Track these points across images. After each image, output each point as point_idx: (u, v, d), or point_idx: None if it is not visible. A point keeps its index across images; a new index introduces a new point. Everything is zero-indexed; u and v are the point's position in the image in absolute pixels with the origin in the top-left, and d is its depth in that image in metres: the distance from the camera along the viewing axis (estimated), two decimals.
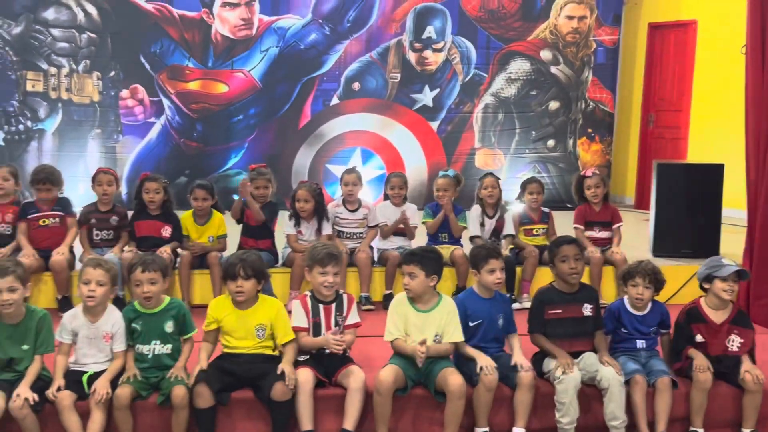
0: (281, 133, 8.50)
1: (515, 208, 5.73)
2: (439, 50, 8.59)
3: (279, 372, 3.51)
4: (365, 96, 8.57)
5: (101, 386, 3.41)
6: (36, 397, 3.35)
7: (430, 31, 8.55)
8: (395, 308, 3.76)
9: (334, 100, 8.54)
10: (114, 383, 3.48)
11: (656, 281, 3.90)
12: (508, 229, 5.56)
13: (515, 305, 4.95)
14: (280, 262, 5.41)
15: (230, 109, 8.33)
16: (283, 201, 5.51)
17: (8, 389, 3.38)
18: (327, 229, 5.40)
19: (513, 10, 8.64)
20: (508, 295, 4.91)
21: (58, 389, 3.43)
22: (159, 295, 3.62)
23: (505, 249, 5.41)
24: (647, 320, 3.94)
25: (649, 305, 3.96)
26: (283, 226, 5.40)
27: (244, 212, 5.33)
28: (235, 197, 7.27)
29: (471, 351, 3.73)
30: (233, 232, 5.43)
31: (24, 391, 3.33)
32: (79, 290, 3.59)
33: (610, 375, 3.70)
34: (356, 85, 8.55)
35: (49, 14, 7.99)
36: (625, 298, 4.00)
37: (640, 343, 3.94)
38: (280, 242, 5.47)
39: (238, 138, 8.40)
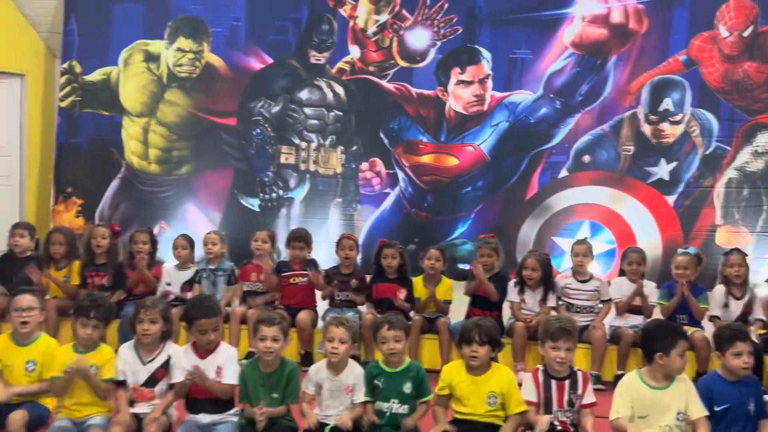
0: (508, 205, 8.56)
1: (766, 290, 5.25)
2: (677, 122, 8.23)
3: None
4: (595, 169, 8.41)
5: (345, 420, 3.60)
6: None
7: (667, 104, 8.25)
8: (626, 386, 3.58)
9: (563, 173, 8.48)
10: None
11: None
12: (758, 312, 5.09)
13: None
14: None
15: (459, 181, 8.58)
16: (507, 272, 5.56)
17: None
18: (551, 301, 5.32)
19: (760, 81, 8.10)
20: None
21: None
22: (403, 353, 3.78)
23: (754, 333, 4.94)
24: None
25: None
26: (508, 293, 5.42)
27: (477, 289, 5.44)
28: (461, 266, 7.43)
29: None
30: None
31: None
32: (324, 347, 3.89)
33: None
34: (586, 158, 8.44)
35: (303, 94, 8.86)
36: None
37: None
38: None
39: (465, 209, 8.60)
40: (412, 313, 5.45)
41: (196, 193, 8.99)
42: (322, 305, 5.72)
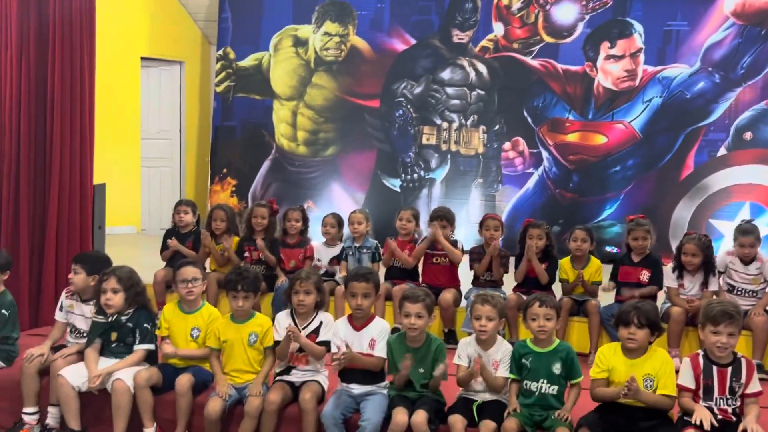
0: (660, 185, 8.17)
1: None
2: None
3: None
4: (757, 146, 7.83)
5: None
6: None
7: None
8: None
9: (722, 151, 7.97)
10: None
11: None
12: None
13: None
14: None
15: (608, 161, 8.28)
16: (659, 255, 5.32)
17: (409, 406, 3.76)
18: (713, 285, 5.03)
19: None
20: None
21: (450, 410, 3.71)
22: (552, 332, 3.76)
23: None
24: None
25: None
26: (665, 278, 5.18)
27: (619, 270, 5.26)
28: (608, 248, 7.17)
29: None
30: None
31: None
32: (471, 324, 3.91)
33: None
34: (748, 135, 7.87)
35: (446, 74, 8.84)
36: None
37: None
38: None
39: (614, 189, 8.29)
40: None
41: (341, 173, 9.23)
42: (465, 284, 5.72)
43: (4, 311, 4.49)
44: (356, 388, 3.93)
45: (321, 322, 4.10)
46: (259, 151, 9.49)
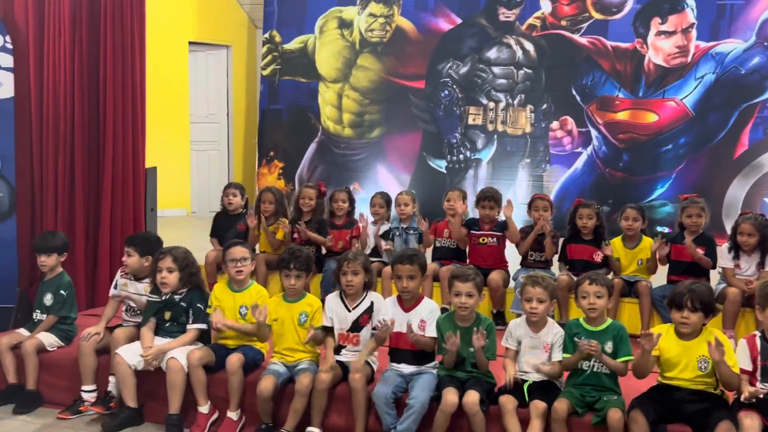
0: (713, 164, 7.96)
1: None
2: None
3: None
4: None
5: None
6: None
7: None
8: None
9: None
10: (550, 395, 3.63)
11: None
12: None
13: None
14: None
15: (659, 139, 8.10)
16: (713, 234, 5.20)
17: (459, 387, 3.75)
18: None
19: None
20: None
21: (500, 391, 3.70)
22: (604, 311, 3.72)
23: None
24: None
25: None
26: (720, 258, 5.06)
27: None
28: (660, 228, 7.03)
29: None
30: None
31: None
32: (520, 306, 3.88)
33: None
34: None
35: (492, 53, 8.74)
36: None
37: None
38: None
39: (665, 168, 8.11)
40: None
41: (386, 155, 9.23)
42: (513, 265, 5.68)
43: (62, 292, 4.61)
44: (406, 368, 3.94)
45: (372, 302, 4.11)
46: (305, 133, 9.54)
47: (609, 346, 3.67)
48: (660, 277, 5.27)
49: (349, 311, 4.09)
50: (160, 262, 4.25)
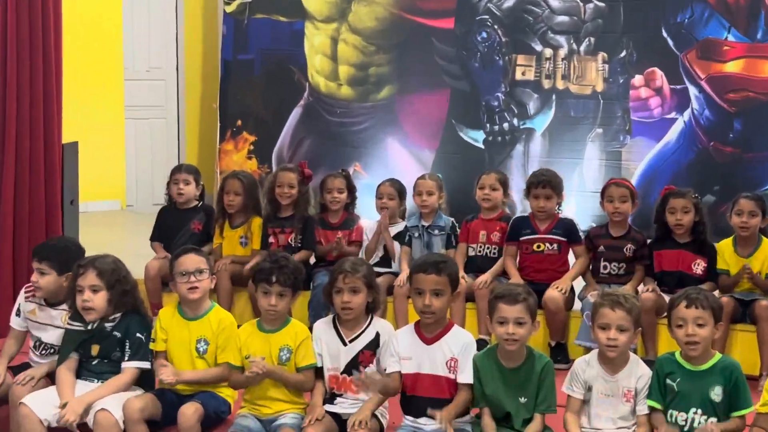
0: None
1: None
2: None
3: None
4: None
5: None
6: None
7: None
8: None
9: None
10: None
11: None
12: None
13: None
14: None
15: None
16: None
17: None
18: None
19: None
20: None
21: None
22: (708, 343, 3.74)
23: None
24: None
25: None
26: None
27: None
28: None
29: None
30: None
31: None
32: (594, 335, 3.88)
33: None
34: None
35: None
36: None
37: None
38: None
39: None
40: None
41: (400, 124, 9.22)
42: (579, 279, 5.68)
43: None
44: (428, 425, 3.93)
45: (377, 333, 4.10)
46: (285, 94, 9.53)
47: (717, 394, 3.68)
48: None
49: (345, 344, 4.10)
50: (81, 279, 4.25)
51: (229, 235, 6.07)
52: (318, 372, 4.15)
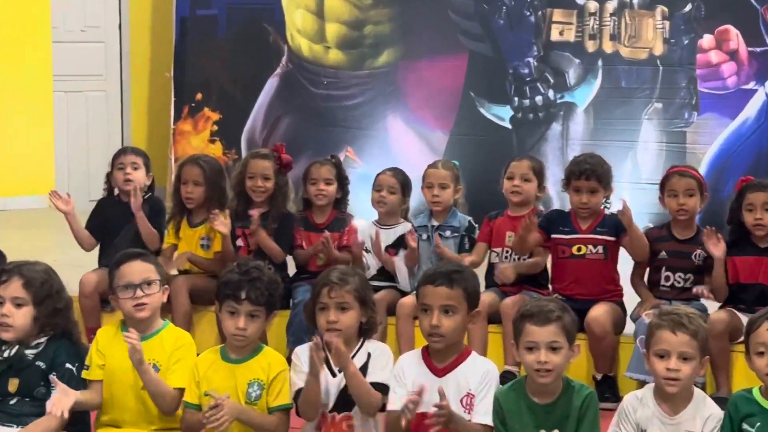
0: None
1: None
2: None
3: None
4: None
5: None
6: None
7: None
8: None
9: None
10: None
11: None
12: None
13: None
14: None
15: None
16: None
17: None
18: None
19: None
20: None
21: None
22: None
23: None
24: None
25: None
26: None
27: None
28: None
29: None
30: None
31: None
32: (650, 365, 3.88)
33: None
34: None
35: None
36: None
37: None
38: None
39: None
40: None
41: (404, 98, 9.28)
42: (631, 294, 5.69)
43: None
44: None
45: (369, 355, 4.12)
46: (258, 60, 9.56)
47: None
48: None
49: (334, 375, 4.10)
50: (2, 288, 4.24)
51: (187, 236, 6.08)
52: None
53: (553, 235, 5.71)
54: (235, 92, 9.66)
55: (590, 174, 5.62)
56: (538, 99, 8.96)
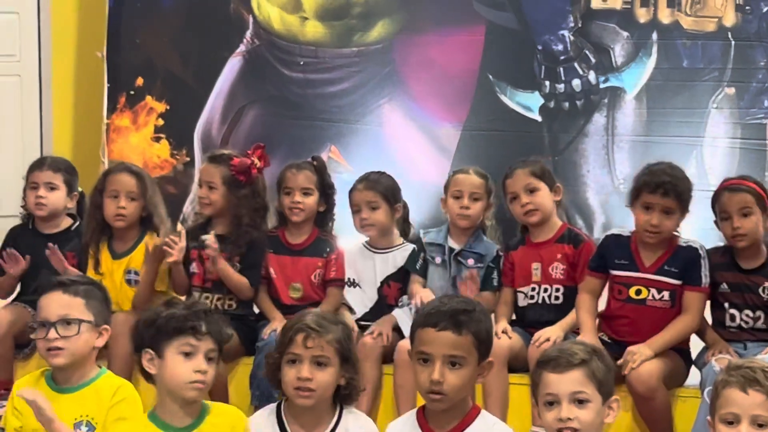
0: None
1: None
2: None
3: None
4: None
5: None
6: None
7: None
8: None
9: None
10: None
11: None
12: None
13: None
14: None
15: None
16: None
17: None
18: None
19: None
20: None
21: None
22: None
23: None
24: None
25: None
26: None
27: None
28: None
29: None
30: None
31: None
32: (716, 430, 3.91)
33: None
34: None
35: None
36: None
37: None
38: None
39: None
40: None
41: (404, 82, 9.34)
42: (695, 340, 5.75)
43: None
44: None
45: None
46: (216, 36, 9.64)
47: None
48: None
49: None
50: None
51: (108, 269, 6.12)
52: None
53: (612, 271, 5.68)
54: (185, 76, 9.69)
55: (669, 189, 5.54)
56: (576, 83, 9.00)
